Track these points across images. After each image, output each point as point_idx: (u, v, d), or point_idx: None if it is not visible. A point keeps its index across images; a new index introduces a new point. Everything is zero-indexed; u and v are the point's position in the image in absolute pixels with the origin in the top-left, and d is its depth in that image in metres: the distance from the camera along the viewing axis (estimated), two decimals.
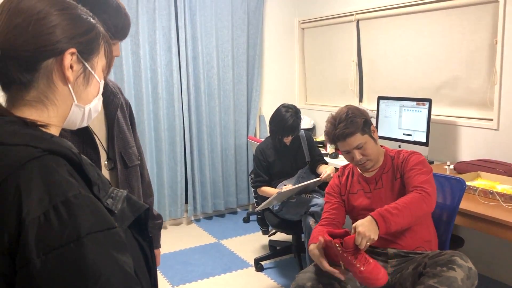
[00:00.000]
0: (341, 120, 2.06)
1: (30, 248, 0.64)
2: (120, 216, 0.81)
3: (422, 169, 2.01)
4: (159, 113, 4.07)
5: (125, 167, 1.45)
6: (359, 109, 2.13)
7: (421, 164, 2.03)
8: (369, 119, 2.12)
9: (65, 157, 0.74)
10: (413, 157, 2.07)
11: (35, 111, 0.79)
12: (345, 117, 2.06)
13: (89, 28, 0.84)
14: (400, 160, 2.10)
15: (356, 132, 2.03)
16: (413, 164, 2.04)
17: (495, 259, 3.12)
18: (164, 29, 4.02)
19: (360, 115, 2.08)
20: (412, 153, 2.10)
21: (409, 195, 1.91)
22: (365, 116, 2.09)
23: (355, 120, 2.05)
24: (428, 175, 1.99)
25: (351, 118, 2.05)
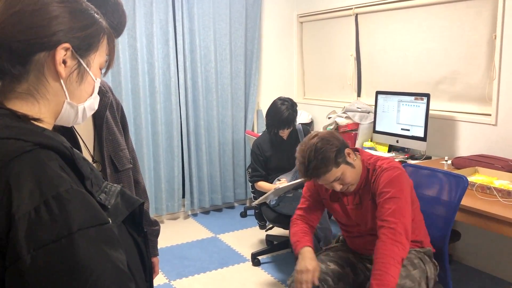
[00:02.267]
0: (310, 158, 1.86)
1: (20, 244, 0.63)
2: (114, 211, 0.80)
3: (389, 192, 1.84)
4: (156, 107, 4.05)
5: (116, 171, 1.37)
6: (329, 138, 1.90)
7: (389, 186, 1.85)
8: (341, 145, 1.91)
9: (56, 151, 0.72)
10: (383, 176, 1.89)
11: (25, 104, 0.77)
12: (314, 154, 1.85)
13: (89, 23, 0.81)
14: (373, 178, 1.94)
15: (329, 168, 1.86)
16: (382, 186, 1.87)
17: (492, 254, 3.13)
18: (161, 22, 3.99)
19: (330, 147, 1.87)
20: (384, 170, 1.91)
21: (379, 245, 1.77)
22: (337, 145, 1.88)
23: (326, 156, 1.85)
24: (397, 202, 1.81)
25: (321, 154, 1.85)
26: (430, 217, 2.18)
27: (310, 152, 1.86)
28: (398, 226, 1.76)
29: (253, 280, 3.15)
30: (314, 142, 1.88)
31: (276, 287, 3.05)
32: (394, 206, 1.80)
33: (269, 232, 3.77)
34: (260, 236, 3.87)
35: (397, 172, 1.89)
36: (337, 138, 1.92)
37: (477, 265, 3.23)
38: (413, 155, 3.34)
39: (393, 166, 1.92)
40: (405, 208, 1.82)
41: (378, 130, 3.59)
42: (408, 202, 1.85)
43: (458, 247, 3.33)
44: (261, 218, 3.40)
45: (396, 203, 1.81)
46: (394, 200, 1.82)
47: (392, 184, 1.85)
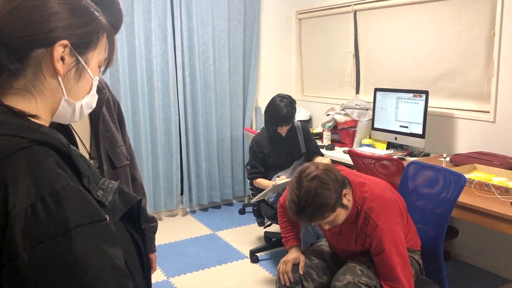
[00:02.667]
0: (306, 203, 1.68)
1: (17, 241, 0.62)
2: (111, 208, 0.79)
3: (393, 259, 1.76)
4: (154, 104, 4.04)
5: (113, 167, 1.36)
6: (328, 181, 1.70)
7: (389, 251, 1.76)
8: (340, 188, 1.74)
9: (53, 147, 0.71)
10: (380, 236, 1.77)
11: (22, 100, 0.77)
12: (311, 200, 1.67)
13: (88, 21, 0.80)
14: (366, 229, 1.82)
15: (326, 216, 1.72)
16: (381, 250, 1.78)
17: (490, 251, 3.13)
18: (160, 18, 3.98)
19: (330, 193, 1.68)
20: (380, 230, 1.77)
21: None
22: (336, 191, 1.71)
23: (325, 203, 1.68)
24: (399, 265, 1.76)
25: (320, 200, 1.67)
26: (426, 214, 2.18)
27: (308, 196, 1.68)
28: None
29: (251, 277, 3.15)
30: (313, 186, 1.68)
31: (274, 284, 3.06)
32: (395, 265, 1.75)
33: (268, 229, 3.77)
34: (259, 233, 3.88)
35: (393, 231, 1.78)
36: (337, 180, 1.73)
37: (474, 262, 3.24)
38: (412, 152, 3.34)
39: (388, 225, 1.78)
40: (404, 268, 1.77)
41: (377, 127, 3.59)
42: (406, 260, 1.80)
43: (456, 244, 3.34)
44: (259, 215, 3.40)
45: (395, 267, 1.76)
46: (397, 266, 1.76)
47: (389, 248, 1.77)
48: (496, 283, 3.00)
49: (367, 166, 2.80)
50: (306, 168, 1.76)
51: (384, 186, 1.96)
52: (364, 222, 1.83)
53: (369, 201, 1.84)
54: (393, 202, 1.88)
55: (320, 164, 1.78)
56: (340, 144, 3.81)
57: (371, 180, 1.97)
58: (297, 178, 1.75)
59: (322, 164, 1.78)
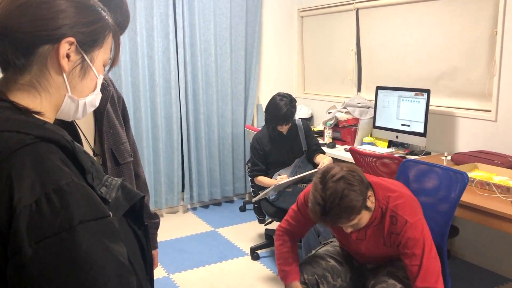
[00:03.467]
0: (333, 204, 1.62)
1: (22, 237, 0.63)
2: (115, 204, 0.80)
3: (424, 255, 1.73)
4: (156, 101, 4.04)
5: (117, 164, 1.37)
6: (353, 182, 1.65)
7: (421, 247, 1.73)
8: (366, 189, 1.70)
9: (58, 144, 0.72)
10: (411, 233, 1.75)
11: (27, 96, 0.78)
12: (338, 201, 1.62)
13: (95, 19, 0.81)
14: (394, 228, 1.79)
15: (351, 218, 1.67)
16: (412, 246, 1.74)
17: (490, 250, 3.14)
18: (162, 15, 3.98)
19: (356, 195, 1.64)
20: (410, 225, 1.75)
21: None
22: (362, 193, 1.66)
23: (351, 205, 1.63)
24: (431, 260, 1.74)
25: (345, 204, 1.62)
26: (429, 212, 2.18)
27: (334, 197, 1.62)
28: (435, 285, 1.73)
29: (252, 274, 3.16)
30: (340, 187, 1.62)
31: (274, 281, 3.06)
32: (426, 266, 1.73)
33: (268, 226, 3.78)
34: (259, 230, 3.88)
35: (423, 226, 1.77)
36: (362, 182, 1.69)
37: (475, 260, 3.24)
38: (413, 151, 3.34)
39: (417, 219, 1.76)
40: (434, 263, 1.76)
41: (378, 125, 3.59)
42: (436, 255, 1.78)
43: (456, 242, 3.34)
44: (260, 213, 3.41)
45: (428, 263, 1.74)
46: (426, 262, 1.74)
47: (421, 244, 1.74)
48: (496, 282, 3.00)
49: (368, 164, 2.81)
50: (330, 169, 1.71)
51: (401, 185, 1.94)
52: (392, 221, 1.79)
53: (394, 199, 1.80)
54: (415, 200, 1.87)
55: (344, 165, 1.73)
56: (341, 142, 3.81)
57: (388, 180, 1.94)
58: (321, 179, 1.68)
59: (346, 165, 1.73)
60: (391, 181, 1.94)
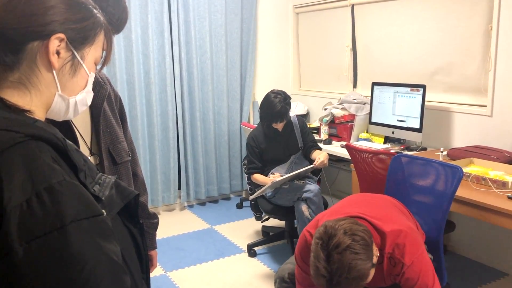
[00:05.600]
0: (341, 278, 1.51)
1: (12, 237, 0.62)
2: (108, 203, 0.79)
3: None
4: (151, 99, 4.03)
5: (114, 163, 1.35)
6: (357, 249, 1.53)
7: (421, 285, 1.68)
8: (371, 243, 1.60)
9: (49, 142, 0.71)
10: (408, 274, 1.70)
11: (17, 94, 0.76)
12: (346, 274, 1.50)
13: (85, 16, 0.80)
14: (394, 270, 1.74)
15: (361, 283, 1.57)
16: (411, 286, 1.69)
17: (486, 244, 3.15)
18: (156, 13, 3.96)
19: (363, 262, 1.52)
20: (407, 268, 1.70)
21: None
22: (368, 257, 1.56)
23: (361, 274, 1.52)
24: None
25: (355, 273, 1.51)
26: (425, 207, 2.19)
27: (342, 271, 1.50)
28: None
29: (249, 271, 3.16)
30: (346, 260, 1.50)
31: (271, 278, 3.07)
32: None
33: (265, 223, 3.78)
34: (256, 227, 3.88)
35: (421, 264, 1.71)
36: (366, 245, 1.56)
37: (471, 255, 3.25)
38: (409, 146, 3.34)
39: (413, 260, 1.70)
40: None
41: (374, 121, 3.59)
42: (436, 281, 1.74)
43: (452, 237, 3.35)
44: (257, 210, 3.40)
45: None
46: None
47: (420, 283, 1.69)
48: (493, 277, 3.01)
49: (364, 160, 2.81)
50: (332, 236, 1.56)
51: (390, 210, 1.86)
52: (390, 263, 1.74)
53: (391, 240, 1.74)
54: (408, 228, 1.79)
55: (345, 226, 1.58)
56: (337, 138, 3.81)
57: (377, 210, 1.85)
58: (323, 248, 1.55)
59: (347, 226, 1.59)
60: (387, 212, 1.85)
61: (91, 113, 1.32)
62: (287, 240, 3.41)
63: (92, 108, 1.31)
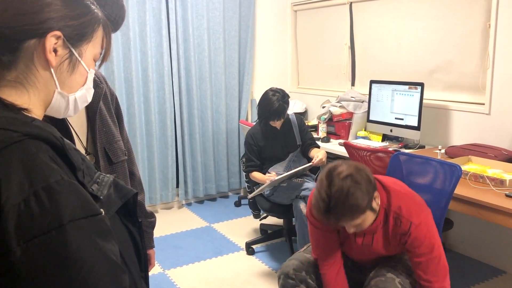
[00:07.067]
0: (337, 202, 1.59)
1: (10, 236, 0.62)
2: (107, 201, 0.79)
3: (432, 252, 1.74)
4: (149, 96, 4.02)
5: (110, 163, 1.34)
6: (361, 182, 1.61)
7: (428, 245, 1.74)
8: (372, 190, 1.66)
9: (47, 141, 0.70)
10: (416, 233, 1.74)
11: (15, 92, 0.76)
12: (343, 199, 1.58)
13: (83, 12, 0.79)
14: (399, 229, 1.77)
15: (355, 217, 1.63)
16: (418, 245, 1.74)
17: (484, 242, 3.15)
18: (154, 10, 3.95)
19: (362, 195, 1.60)
20: (415, 227, 1.74)
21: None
22: (368, 193, 1.63)
23: (356, 203, 1.59)
24: (439, 257, 1.75)
25: (350, 202, 1.58)
26: None
27: (340, 194, 1.58)
28: (442, 284, 1.77)
29: (247, 269, 3.16)
30: (346, 185, 1.58)
31: (270, 275, 3.07)
32: (434, 264, 1.76)
33: (263, 221, 3.78)
34: (254, 225, 3.88)
35: (427, 225, 1.76)
36: (369, 181, 1.65)
37: (469, 253, 3.26)
38: (407, 144, 3.34)
39: (421, 220, 1.75)
40: (442, 260, 1.79)
41: (372, 119, 3.59)
42: (442, 252, 1.80)
43: (450, 235, 3.36)
44: (255, 208, 3.40)
45: (437, 261, 1.77)
46: (433, 259, 1.76)
47: (427, 243, 1.75)
48: (491, 274, 3.02)
49: (362, 158, 2.81)
50: (337, 166, 1.65)
51: (403, 184, 1.92)
52: (396, 223, 1.77)
53: (396, 200, 1.78)
54: (418, 197, 1.85)
55: (352, 163, 1.67)
56: (335, 136, 3.81)
57: (389, 179, 1.92)
58: (328, 176, 1.63)
59: (354, 163, 1.68)
60: (393, 180, 1.92)
61: (87, 112, 1.31)
62: (285, 238, 3.41)
63: (88, 107, 1.30)
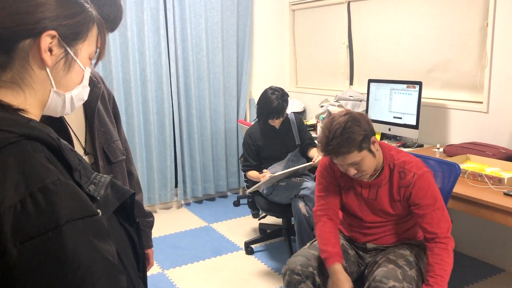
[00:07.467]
0: (335, 135, 1.78)
1: (6, 237, 0.61)
2: (104, 202, 0.79)
3: (435, 204, 1.85)
4: (147, 96, 4.02)
5: (109, 163, 1.35)
6: (360, 120, 1.82)
7: (429, 197, 1.86)
8: (370, 131, 1.85)
9: (43, 142, 0.70)
10: (419, 184, 1.87)
11: (10, 93, 0.75)
12: (340, 132, 1.77)
13: (77, 11, 0.79)
14: (403, 181, 1.90)
15: (351, 151, 1.79)
16: (420, 197, 1.86)
17: (483, 241, 3.16)
18: (152, 10, 3.95)
19: (359, 130, 1.79)
20: (418, 177, 1.87)
21: (434, 256, 1.82)
22: (365, 130, 1.81)
23: (352, 137, 1.77)
24: (442, 210, 1.86)
25: (347, 134, 1.77)
26: None
27: (338, 128, 1.78)
28: (446, 235, 1.85)
29: (246, 269, 3.16)
30: (344, 120, 1.79)
31: (269, 275, 3.07)
32: (444, 215, 1.87)
33: (262, 221, 3.78)
34: (253, 224, 3.88)
35: (430, 178, 1.89)
36: (368, 123, 1.85)
37: (468, 251, 3.27)
38: (405, 143, 3.35)
39: (424, 171, 1.89)
40: (445, 212, 1.89)
41: (371, 118, 3.58)
42: (444, 205, 1.90)
43: None
44: (254, 207, 3.40)
45: (444, 212, 1.88)
46: (442, 209, 1.87)
47: (430, 194, 1.87)
48: (489, 273, 3.02)
49: None
50: (342, 111, 1.88)
51: None
52: (400, 176, 1.91)
53: (399, 156, 1.95)
54: (430, 171, 1.95)
55: (354, 111, 1.90)
56: None
57: None
58: (332, 116, 1.86)
59: (355, 112, 1.90)
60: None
61: (85, 112, 1.31)
62: (284, 238, 3.41)
63: (86, 107, 1.30)
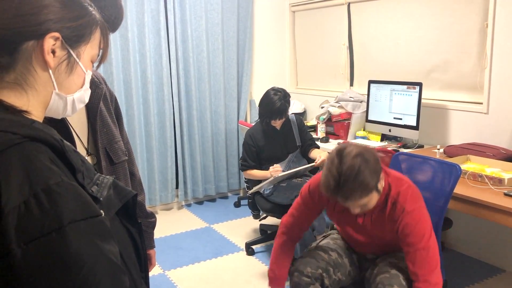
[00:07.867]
0: (348, 178, 1.64)
1: (10, 238, 0.62)
2: (106, 203, 0.79)
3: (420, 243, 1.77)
4: (148, 98, 4.02)
5: (111, 163, 1.35)
6: (371, 160, 1.68)
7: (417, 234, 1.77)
8: (379, 170, 1.73)
9: (46, 143, 0.71)
10: (407, 220, 1.79)
11: (13, 94, 0.76)
12: (354, 176, 1.64)
13: (80, 14, 0.79)
14: (394, 214, 1.83)
15: (364, 195, 1.69)
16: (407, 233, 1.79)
17: (483, 241, 3.16)
18: (153, 11, 3.96)
19: (371, 173, 1.66)
20: (407, 213, 1.79)
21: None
22: (377, 171, 1.70)
23: (366, 181, 1.65)
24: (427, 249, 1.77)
25: (362, 178, 1.64)
26: None
27: (351, 172, 1.64)
28: (427, 277, 1.76)
29: (247, 270, 3.16)
30: (357, 163, 1.65)
31: None
32: (423, 256, 1.78)
33: (263, 222, 3.78)
34: (254, 225, 3.89)
35: (420, 214, 1.81)
36: (377, 162, 1.73)
37: (469, 252, 3.27)
38: (406, 144, 3.35)
39: (415, 207, 1.81)
40: (431, 252, 1.79)
41: (371, 119, 3.59)
42: (431, 244, 1.81)
43: (450, 234, 3.36)
44: (254, 208, 3.41)
45: (424, 253, 1.79)
46: (421, 251, 1.78)
47: (417, 232, 1.79)
48: (490, 273, 3.03)
49: None
50: (347, 146, 1.74)
51: (401, 174, 1.99)
52: (392, 207, 1.85)
53: (396, 186, 1.85)
54: (417, 189, 1.90)
55: (360, 145, 1.78)
56: (334, 136, 3.81)
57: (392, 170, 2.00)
58: (338, 155, 1.70)
59: (362, 145, 1.78)
60: (395, 171, 1.98)
61: (87, 113, 1.31)
62: None
63: (89, 108, 1.31)
